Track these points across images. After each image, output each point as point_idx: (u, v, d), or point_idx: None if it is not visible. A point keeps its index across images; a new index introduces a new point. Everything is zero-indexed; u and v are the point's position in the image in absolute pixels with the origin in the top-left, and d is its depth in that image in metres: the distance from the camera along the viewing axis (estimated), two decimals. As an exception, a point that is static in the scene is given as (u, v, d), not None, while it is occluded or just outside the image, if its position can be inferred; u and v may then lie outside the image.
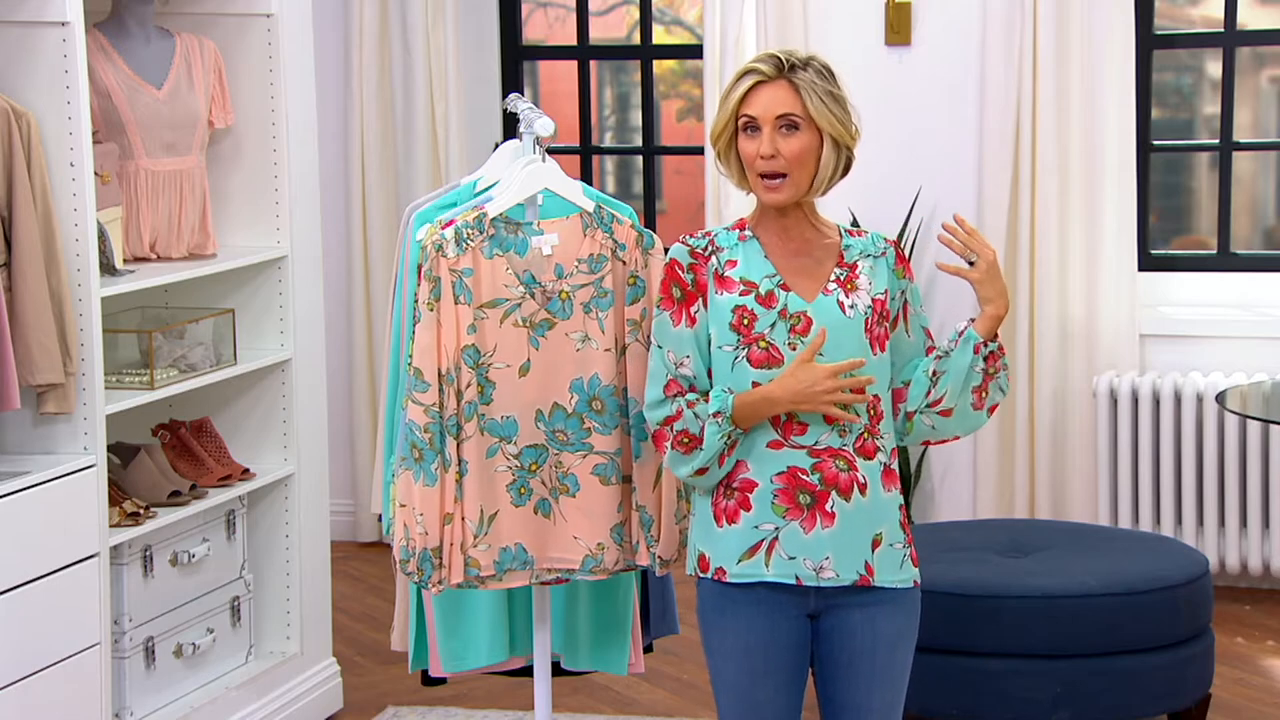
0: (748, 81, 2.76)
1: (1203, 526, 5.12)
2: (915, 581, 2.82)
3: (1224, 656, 4.51)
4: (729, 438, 2.74)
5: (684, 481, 2.86)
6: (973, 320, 2.77)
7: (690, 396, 2.77)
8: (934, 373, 2.78)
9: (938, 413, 2.78)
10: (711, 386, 2.78)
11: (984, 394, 2.77)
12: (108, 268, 3.74)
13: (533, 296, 3.06)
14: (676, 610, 3.46)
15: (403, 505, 3.04)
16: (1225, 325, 5.22)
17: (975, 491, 5.32)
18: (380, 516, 3.29)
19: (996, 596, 3.84)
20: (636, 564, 3.12)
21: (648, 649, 3.42)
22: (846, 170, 2.80)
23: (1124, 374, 5.16)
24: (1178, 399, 5.09)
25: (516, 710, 4.35)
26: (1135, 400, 5.12)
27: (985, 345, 2.75)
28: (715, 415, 2.73)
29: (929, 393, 2.78)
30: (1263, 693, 4.46)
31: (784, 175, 2.75)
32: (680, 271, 2.80)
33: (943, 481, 5.43)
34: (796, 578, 2.75)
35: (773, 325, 2.75)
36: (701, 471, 2.76)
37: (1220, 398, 4.63)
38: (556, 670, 3.35)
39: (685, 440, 2.76)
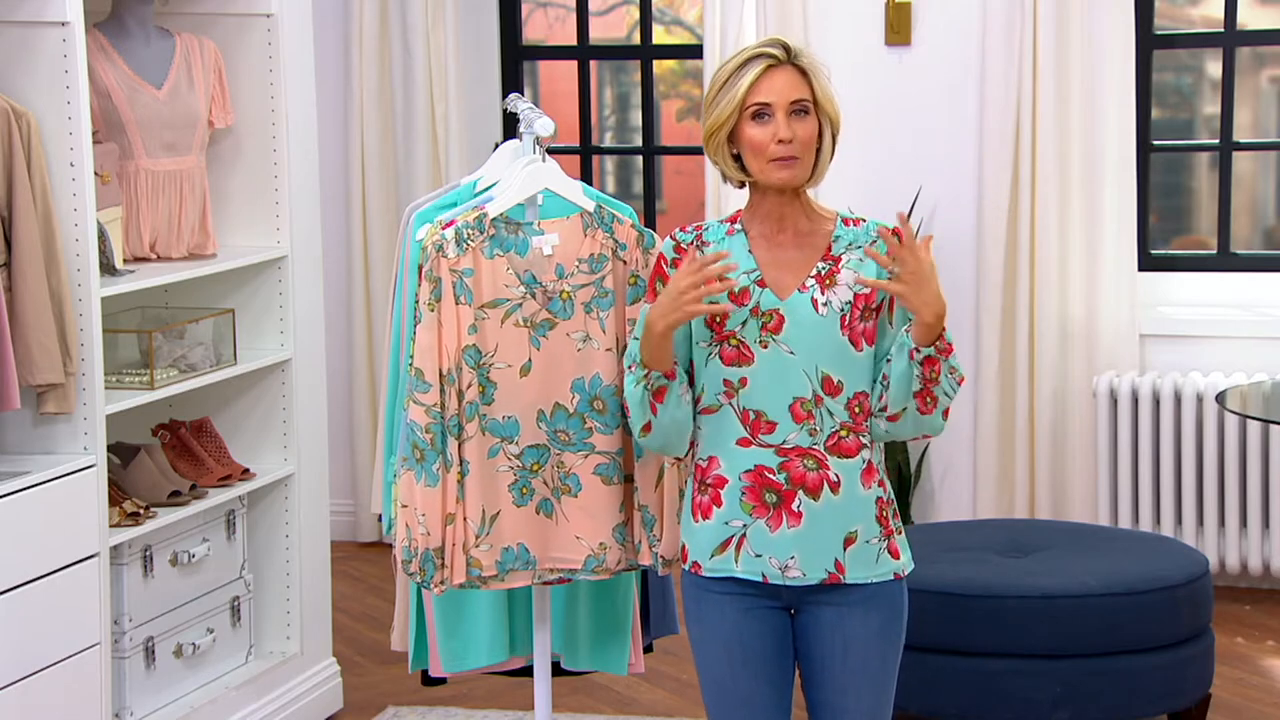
0: (759, 65, 2.72)
1: (1203, 526, 5.12)
2: (896, 574, 2.79)
3: (1224, 656, 4.51)
4: (647, 381, 2.74)
5: (646, 449, 2.87)
6: (912, 322, 2.71)
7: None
8: (884, 377, 2.75)
9: (887, 418, 2.75)
10: (691, 382, 2.79)
11: (927, 400, 2.72)
12: (108, 268, 3.73)
13: (533, 296, 3.06)
14: (677, 610, 3.46)
15: (404, 506, 3.04)
16: (1225, 325, 5.22)
17: (975, 491, 5.32)
18: (380, 516, 3.29)
19: (996, 596, 3.84)
20: (639, 564, 3.12)
21: (648, 649, 3.42)
22: (832, 155, 2.79)
23: (1124, 374, 5.16)
24: (1178, 399, 5.09)
25: (516, 710, 4.35)
26: (1135, 400, 5.12)
27: (918, 352, 2.68)
28: (630, 367, 2.76)
29: (881, 397, 2.75)
30: (1263, 693, 4.46)
31: (796, 158, 2.73)
32: (664, 266, 2.81)
33: (943, 481, 5.43)
34: (763, 575, 2.76)
35: (744, 323, 2.75)
36: (646, 429, 2.77)
37: (1220, 398, 4.63)
38: (556, 670, 3.35)
39: (628, 409, 2.80)
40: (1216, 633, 4.18)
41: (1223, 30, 5.30)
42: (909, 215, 5.27)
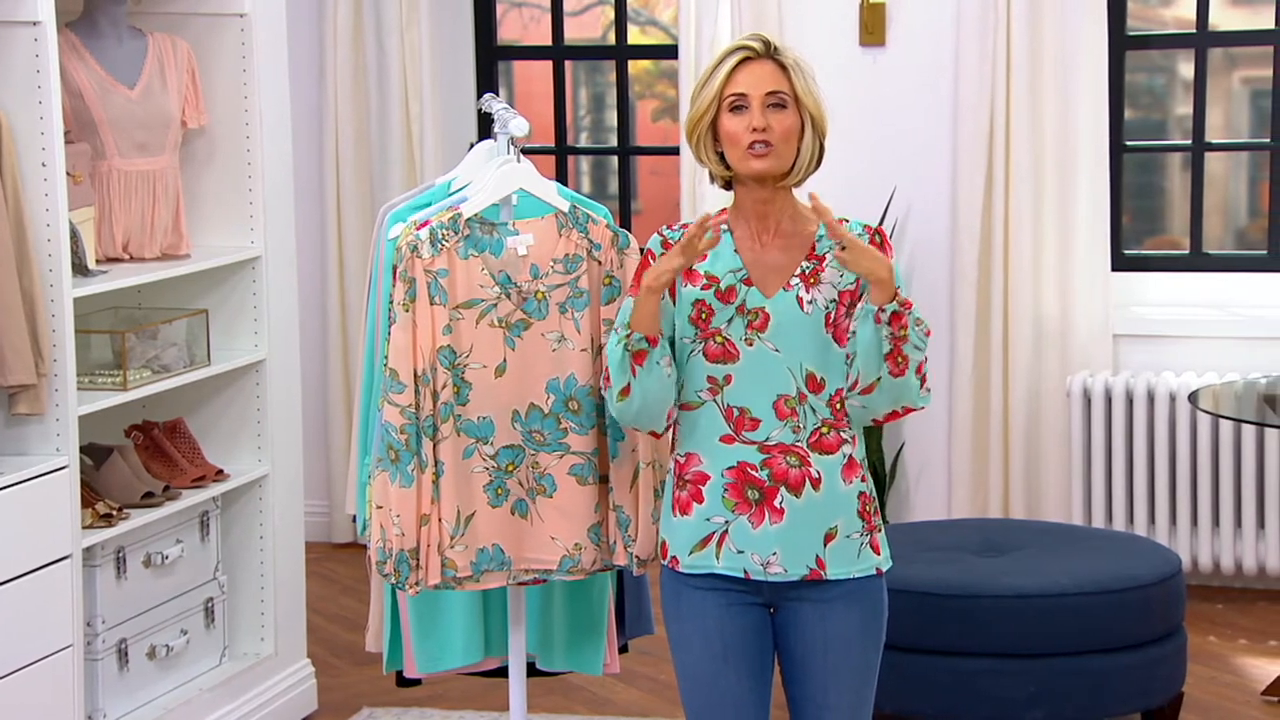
0: (736, 57, 2.75)
1: (1175, 526, 5.15)
2: (878, 569, 2.81)
3: (1196, 655, 4.53)
4: (628, 342, 2.74)
5: (626, 425, 2.86)
6: (869, 289, 2.72)
7: None
8: (848, 357, 2.75)
9: (859, 393, 2.75)
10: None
11: (898, 359, 2.71)
12: (80, 268, 3.72)
13: (508, 297, 3.06)
14: (652, 610, 3.46)
15: (379, 507, 3.03)
16: (1198, 325, 5.24)
17: (950, 491, 5.33)
18: (355, 517, 3.29)
19: (971, 596, 3.85)
20: (614, 564, 3.12)
21: (623, 649, 3.42)
22: (819, 162, 2.80)
23: (1097, 374, 5.18)
24: (1151, 399, 5.11)
25: (492, 711, 4.35)
26: (1109, 400, 5.14)
27: (884, 311, 2.69)
28: (615, 329, 2.77)
29: (850, 376, 2.75)
30: (1235, 691, 4.48)
31: (771, 146, 2.74)
32: (652, 261, 2.82)
33: (918, 481, 5.44)
34: (745, 571, 2.77)
35: (729, 320, 2.76)
36: (625, 393, 2.75)
37: (1193, 397, 4.65)
38: (532, 671, 3.35)
39: (608, 375, 2.79)
40: (1189, 631, 4.20)
41: (1195, 31, 5.32)
42: (883, 215, 5.29)
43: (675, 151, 5.55)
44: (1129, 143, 5.41)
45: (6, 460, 3.54)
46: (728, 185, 2.84)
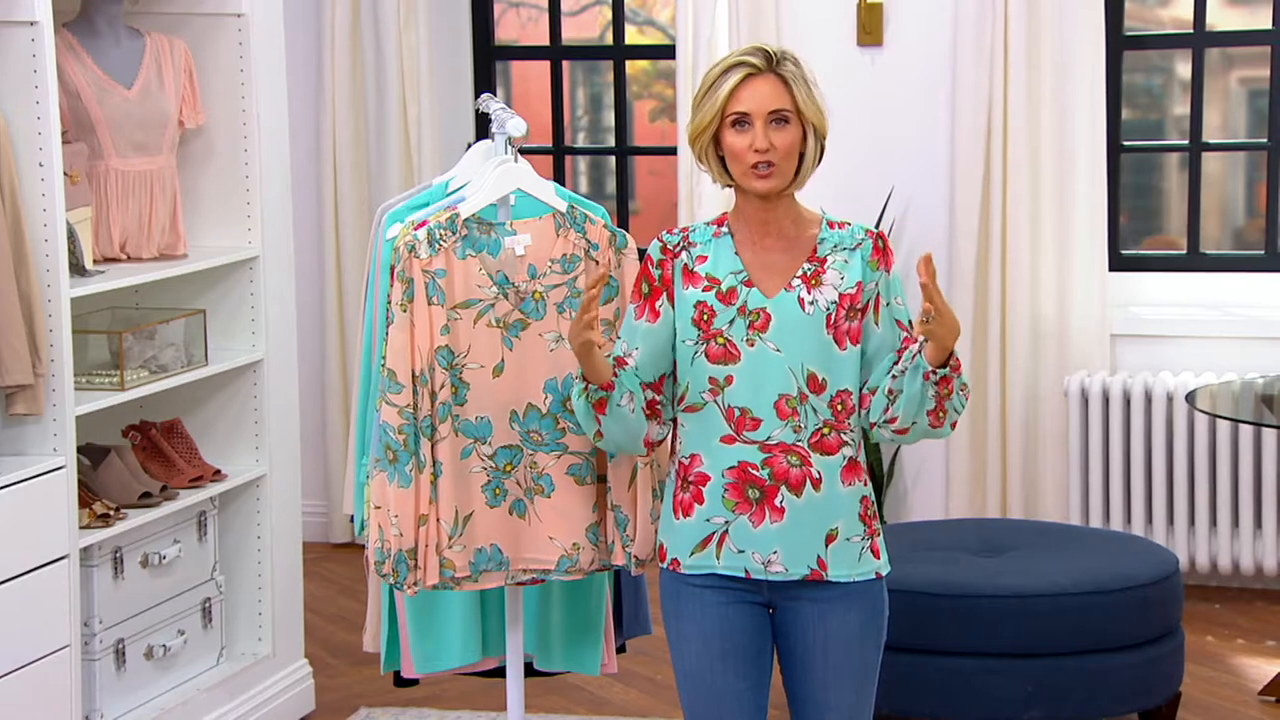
0: (738, 74, 2.74)
1: (1173, 525, 5.15)
2: (878, 573, 2.82)
3: (1194, 655, 4.53)
4: (587, 394, 2.81)
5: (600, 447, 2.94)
6: (925, 343, 2.73)
7: None
8: (890, 391, 2.76)
9: (894, 430, 2.78)
10: (667, 381, 2.82)
11: (939, 414, 2.75)
12: (77, 268, 3.72)
13: (506, 297, 3.06)
14: (649, 610, 3.46)
15: (377, 507, 3.03)
16: (1195, 325, 5.24)
17: (948, 491, 5.33)
18: (352, 518, 3.29)
19: (968, 596, 3.85)
20: (612, 564, 3.12)
21: (621, 649, 3.42)
22: (820, 159, 2.81)
23: (1095, 374, 5.18)
24: (1148, 399, 5.11)
25: (490, 711, 4.35)
26: (1106, 400, 5.14)
27: (934, 373, 2.71)
28: (574, 379, 2.84)
29: (886, 409, 2.77)
30: (1232, 691, 4.49)
31: (773, 166, 2.75)
32: (650, 266, 2.84)
33: (915, 481, 5.44)
34: (745, 571, 2.78)
35: (731, 321, 2.77)
36: (598, 436, 2.85)
37: (1190, 397, 4.66)
38: (529, 671, 3.35)
39: (577, 417, 2.89)
40: (1186, 631, 4.20)
41: (1192, 31, 5.33)
42: (880, 216, 5.29)
43: (673, 152, 5.55)
44: (1126, 143, 5.41)
45: (4, 460, 3.53)
46: (729, 186, 2.84)
